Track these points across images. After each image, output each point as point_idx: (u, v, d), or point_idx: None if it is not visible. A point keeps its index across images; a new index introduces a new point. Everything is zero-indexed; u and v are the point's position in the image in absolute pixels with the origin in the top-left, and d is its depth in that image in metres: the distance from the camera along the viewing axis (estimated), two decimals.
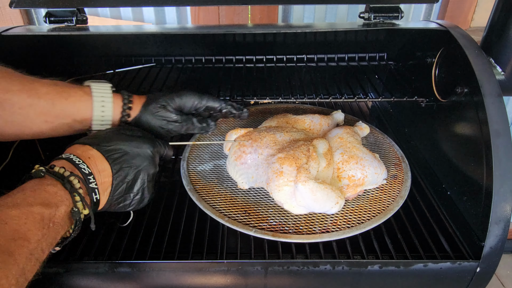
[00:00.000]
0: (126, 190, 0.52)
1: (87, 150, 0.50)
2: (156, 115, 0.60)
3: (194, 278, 0.58)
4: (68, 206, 0.43)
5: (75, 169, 0.47)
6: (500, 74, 0.67)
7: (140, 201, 0.55)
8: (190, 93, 0.63)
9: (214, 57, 0.98)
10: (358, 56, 0.99)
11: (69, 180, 0.45)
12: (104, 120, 0.57)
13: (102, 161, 0.50)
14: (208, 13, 1.22)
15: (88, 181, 0.47)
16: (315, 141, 0.69)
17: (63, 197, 0.43)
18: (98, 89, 0.57)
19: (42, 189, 0.42)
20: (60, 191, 0.43)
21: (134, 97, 0.60)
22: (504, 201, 0.55)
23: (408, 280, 0.59)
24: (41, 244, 0.38)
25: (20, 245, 0.35)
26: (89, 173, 0.47)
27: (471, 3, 1.23)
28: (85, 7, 0.76)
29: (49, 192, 0.42)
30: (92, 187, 0.47)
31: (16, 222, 0.36)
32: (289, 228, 0.61)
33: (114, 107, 0.57)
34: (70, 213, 0.43)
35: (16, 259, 0.34)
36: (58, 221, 0.41)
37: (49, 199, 0.41)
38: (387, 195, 0.68)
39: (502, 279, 1.63)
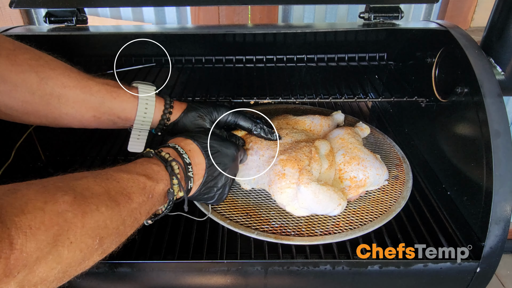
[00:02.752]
0: (212, 184, 0.58)
1: (189, 143, 0.57)
2: (193, 123, 0.65)
3: (194, 278, 0.59)
4: (166, 185, 0.50)
5: (178, 157, 0.54)
6: (500, 74, 0.67)
7: (220, 197, 0.61)
8: (226, 110, 0.68)
9: (214, 57, 0.98)
10: (358, 56, 0.99)
11: (171, 164, 0.51)
12: (145, 121, 0.62)
13: (199, 154, 0.57)
14: (208, 13, 1.22)
15: (188, 169, 0.54)
16: (317, 142, 0.69)
17: (163, 177, 0.50)
18: (144, 91, 0.62)
19: (148, 165, 0.49)
20: (162, 171, 0.50)
21: (174, 102, 0.65)
22: (504, 201, 0.55)
23: (408, 280, 0.59)
24: (140, 207, 0.45)
25: (125, 200, 0.42)
26: (189, 163, 0.54)
27: (471, 3, 1.23)
28: (85, 7, 0.76)
29: (153, 169, 0.49)
30: (189, 176, 0.54)
31: (125, 183, 0.44)
32: (291, 230, 0.61)
33: (155, 110, 0.63)
34: (167, 192, 0.50)
35: (121, 210, 0.41)
36: (156, 195, 0.48)
37: (152, 174, 0.48)
38: (388, 196, 0.68)
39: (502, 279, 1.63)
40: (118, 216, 0.41)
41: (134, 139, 0.63)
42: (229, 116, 0.67)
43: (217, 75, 0.98)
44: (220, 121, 0.67)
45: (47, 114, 0.55)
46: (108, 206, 0.40)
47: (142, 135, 0.63)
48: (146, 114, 0.62)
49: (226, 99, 0.80)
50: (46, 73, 0.53)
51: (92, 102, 0.57)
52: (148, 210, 0.47)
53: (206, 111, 0.66)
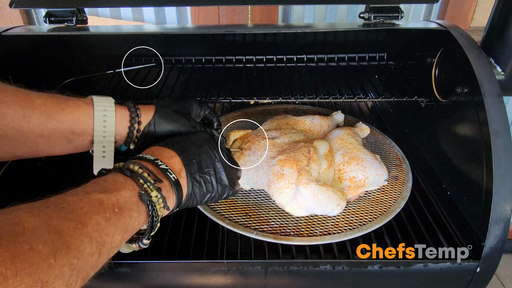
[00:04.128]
0: (199, 168, 0.52)
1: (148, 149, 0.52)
2: (170, 120, 0.59)
3: (194, 278, 0.59)
4: (132, 190, 0.43)
5: (139, 160, 0.48)
6: (500, 74, 0.67)
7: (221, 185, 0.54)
8: (192, 100, 0.64)
9: (214, 57, 0.98)
10: (358, 56, 0.99)
11: (128, 167, 0.45)
12: (107, 132, 0.54)
13: (165, 150, 0.52)
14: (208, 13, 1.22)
15: (157, 164, 0.48)
16: (315, 142, 0.69)
17: (123, 183, 0.43)
18: (100, 99, 0.54)
19: (101, 179, 0.43)
20: (119, 178, 0.43)
21: (141, 107, 0.58)
22: (504, 201, 0.55)
23: (408, 280, 0.59)
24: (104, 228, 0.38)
25: (73, 227, 0.35)
26: (154, 158, 0.48)
27: (471, 3, 1.23)
28: (85, 7, 0.76)
29: (107, 181, 0.43)
30: (164, 168, 0.48)
31: (72, 206, 0.37)
32: (290, 230, 0.61)
33: (118, 118, 0.55)
34: (139, 197, 0.43)
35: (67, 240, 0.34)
36: (126, 205, 0.41)
37: (107, 186, 0.42)
38: (388, 196, 0.68)
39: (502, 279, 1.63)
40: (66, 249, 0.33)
41: (98, 157, 0.54)
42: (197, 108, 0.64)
43: (217, 75, 0.98)
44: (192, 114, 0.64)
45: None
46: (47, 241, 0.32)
47: (108, 152, 0.54)
48: (106, 122, 0.53)
49: (226, 99, 0.80)
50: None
51: (35, 117, 0.48)
52: (122, 227, 0.40)
53: (177, 104, 0.61)
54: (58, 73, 0.87)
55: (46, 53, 0.85)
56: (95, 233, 0.36)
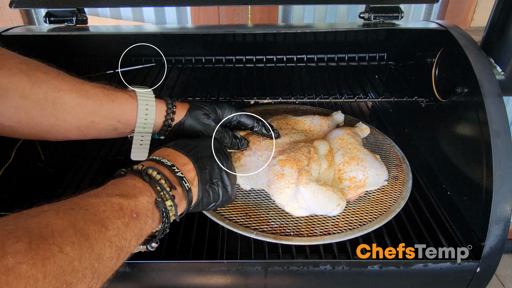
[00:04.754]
0: (209, 178, 0.55)
1: (164, 150, 0.55)
2: (200, 121, 0.63)
3: (194, 278, 0.59)
4: (150, 197, 0.45)
5: (155, 164, 0.50)
6: (500, 74, 0.67)
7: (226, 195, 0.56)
8: (229, 106, 0.67)
9: (214, 57, 0.98)
10: (358, 56, 0.99)
11: (147, 173, 0.47)
12: (147, 124, 0.59)
13: (180, 155, 0.54)
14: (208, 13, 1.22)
15: (174, 171, 0.50)
16: (315, 142, 0.69)
17: (142, 189, 0.44)
18: (142, 94, 0.59)
19: (121, 183, 0.44)
20: (138, 184, 0.45)
21: (176, 103, 0.63)
22: (504, 201, 0.55)
23: (408, 280, 0.59)
24: (123, 233, 0.39)
25: (97, 230, 0.36)
26: (171, 164, 0.50)
27: (471, 3, 1.23)
28: (85, 7, 0.76)
29: (128, 185, 0.44)
30: (180, 176, 0.50)
31: (96, 209, 0.38)
32: (290, 230, 0.61)
33: (157, 111, 0.59)
34: (155, 203, 0.45)
35: (92, 243, 0.34)
36: (143, 211, 0.42)
37: (127, 190, 0.43)
38: (388, 196, 0.68)
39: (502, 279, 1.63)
40: (90, 252, 0.34)
41: (136, 145, 0.59)
42: (231, 113, 0.66)
43: (217, 75, 0.98)
44: (224, 118, 0.66)
45: (42, 121, 0.51)
46: (75, 243, 0.33)
47: (145, 141, 0.60)
48: (147, 115, 0.58)
49: (226, 99, 0.80)
50: (38, 76, 0.50)
51: (89, 105, 0.53)
52: (138, 233, 0.41)
53: (210, 108, 0.65)
54: None
55: (46, 53, 0.85)
56: (115, 237, 0.37)
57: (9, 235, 0.29)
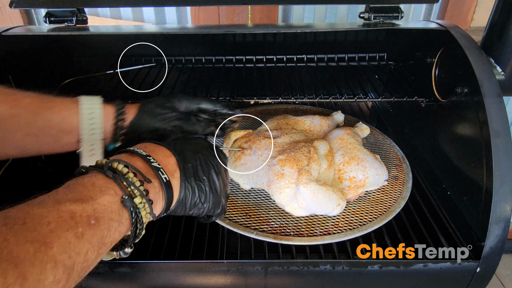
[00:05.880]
0: (194, 174, 0.47)
1: (142, 144, 0.48)
2: (156, 114, 0.57)
3: (194, 278, 0.59)
4: (114, 195, 0.38)
5: (129, 156, 0.43)
6: (500, 74, 0.67)
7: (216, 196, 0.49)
8: (182, 94, 0.62)
9: (214, 57, 0.98)
10: (358, 56, 0.99)
11: (111, 166, 0.40)
12: (94, 129, 0.52)
13: (159, 147, 0.47)
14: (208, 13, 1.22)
15: (149, 161, 0.43)
16: (315, 142, 0.69)
17: (102, 187, 0.37)
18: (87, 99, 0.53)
19: (77, 183, 0.37)
20: (99, 181, 0.38)
21: (127, 105, 0.57)
22: (504, 201, 0.55)
23: (408, 280, 0.59)
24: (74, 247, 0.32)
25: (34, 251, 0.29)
26: (146, 154, 0.44)
27: (471, 3, 1.23)
28: (85, 7, 0.76)
29: (85, 185, 0.37)
30: (156, 166, 0.43)
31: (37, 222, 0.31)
32: (290, 230, 0.61)
33: (104, 113, 0.54)
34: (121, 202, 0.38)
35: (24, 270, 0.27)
36: (104, 215, 0.36)
37: (83, 192, 0.36)
38: (388, 196, 0.68)
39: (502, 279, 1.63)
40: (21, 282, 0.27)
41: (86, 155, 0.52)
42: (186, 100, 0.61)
43: (217, 75, 0.98)
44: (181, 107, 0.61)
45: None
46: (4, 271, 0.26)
47: (96, 149, 0.53)
48: (93, 120, 0.52)
49: (226, 99, 0.80)
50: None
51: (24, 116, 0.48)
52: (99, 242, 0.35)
53: (164, 99, 0.60)
54: (58, 73, 0.87)
55: (46, 53, 0.85)
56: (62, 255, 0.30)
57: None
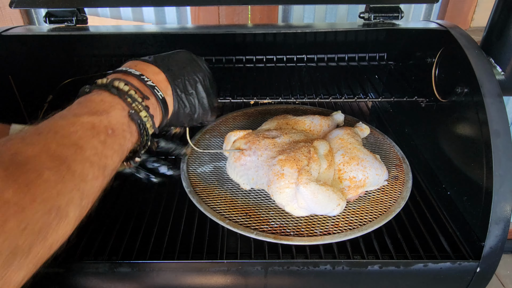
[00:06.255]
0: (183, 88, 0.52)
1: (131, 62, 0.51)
2: None
3: (194, 278, 0.59)
4: (122, 110, 0.42)
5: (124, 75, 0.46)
6: (500, 74, 0.67)
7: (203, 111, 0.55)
8: None
9: (214, 57, 0.98)
10: (358, 56, 0.99)
11: (113, 84, 0.43)
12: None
13: (149, 65, 0.50)
14: (208, 13, 1.22)
15: (144, 80, 0.46)
16: (315, 142, 0.69)
17: (111, 103, 0.42)
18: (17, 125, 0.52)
19: (87, 100, 0.41)
20: (106, 98, 0.42)
21: None
22: (504, 201, 0.55)
23: (408, 280, 0.59)
24: (102, 151, 0.37)
25: (73, 152, 0.34)
26: (140, 74, 0.47)
27: (471, 3, 1.23)
28: (85, 7, 0.76)
29: (95, 101, 0.41)
30: (151, 85, 0.46)
31: (66, 130, 0.35)
32: (290, 230, 0.61)
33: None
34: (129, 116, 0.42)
35: (70, 166, 0.33)
36: (118, 126, 0.40)
37: (96, 107, 0.40)
38: (388, 196, 0.68)
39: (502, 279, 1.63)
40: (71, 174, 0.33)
41: None
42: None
43: (217, 75, 0.98)
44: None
45: None
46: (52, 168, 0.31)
47: None
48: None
49: (226, 99, 0.80)
50: None
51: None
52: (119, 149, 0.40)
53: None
54: (58, 73, 0.87)
55: (46, 53, 0.85)
56: (94, 157, 0.36)
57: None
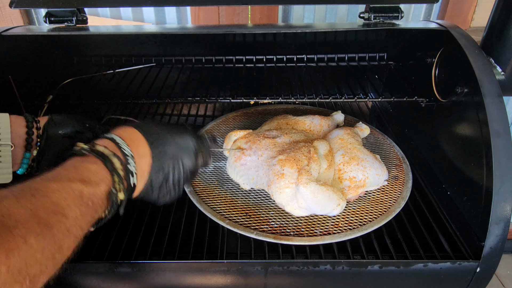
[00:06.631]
0: (162, 180, 0.51)
1: (132, 132, 0.50)
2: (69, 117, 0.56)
3: (194, 278, 0.59)
4: (107, 186, 0.43)
5: (117, 150, 0.46)
6: (500, 74, 0.67)
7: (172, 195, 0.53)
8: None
9: (214, 57, 0.98)
10: (358, 56, 0.99)
11: (110, 160, 0.44)
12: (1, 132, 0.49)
13: (144, 145, 0.49)
14: (208, 13, 1.22)
15: (127, 161, 0.46)
16: (315, 142, 0.69)
17: (103, 176, 0.42)
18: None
19: (83, 166, 0.42)
20: (101, 170, 0.43)
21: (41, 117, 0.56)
22: (504, 201, 0.55)
23: (408, 280, 0.59)
24: (79, 221, 0.37)
25: (58, 220, 0.34)
26: (130, 155, 0.47)
27: (471, 3, 1.23)
28: (85, 7, 0.76)
29: (90, 170, 0.42)
30: (131, 170, 0.46)
31: (57, 195, 0.36)
32: (290, 230, 0.61)
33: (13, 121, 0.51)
34: (108, 193, 0.43)
35: (54, 234, 0.33)
36: (97, 200, 0.41)
37: (90, 177, 0.41)
38: (388, 196, 0.68)
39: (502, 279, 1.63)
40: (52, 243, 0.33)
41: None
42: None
43: (217, 75, 0.98)
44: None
45: None
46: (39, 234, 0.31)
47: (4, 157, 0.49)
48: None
49: (226, 99, 0.80)
50: None
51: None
52: (90, 221, 0.40)
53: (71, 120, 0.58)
54: (58, 73, 0.87)
55: (46, 53, 0.85)
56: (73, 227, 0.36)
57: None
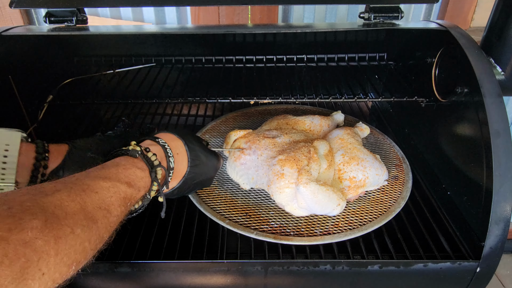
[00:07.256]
0: (185, 189, 0.58)
1: (179, 146, 0.55)
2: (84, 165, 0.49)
3: (194, 278, 0.59)
4: (145, 191, 0.47)
5: (164, 160, 0.51)
6: (500, 74, 0.67)
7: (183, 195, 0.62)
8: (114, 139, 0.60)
9: (214, 57, 0.98)
10: (358, 56, 0.99)
11: (156, 170, 0.48)
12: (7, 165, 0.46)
13: (184, 161, 0.56)
14: (208, 13, 1.22)
15: (169, 174, 0.52)
16: (315, 142, 0.69)
17: (146, 184, 0.47)
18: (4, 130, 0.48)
19: (132, 170, 0.46)
20: (146, 178, 0.47)
21: (51, 146, 0.52)
22: (504, 201, 0.55)
23: (408, 280, 0.59)
24: (118, 219, 0.41)
25: (103, 215, 0.38)
26: (172, 167, 0.52)
27: (471, 3, 1.23)
28: (85, 7, 0.76)
29: (137, 175, 0.46)
30: (167, 181, 0.52)
31: (105, 193, 0.40)
32: (290, 230, 0.61)
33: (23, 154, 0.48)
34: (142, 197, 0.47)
35: (99, 227, 0.37)
36: (133, 202, 0.45)
37: (136, 181, 0.45)
38: (388, 196, 0.68)
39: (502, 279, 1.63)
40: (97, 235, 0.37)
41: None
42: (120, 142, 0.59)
43: (217, 75, 0.98)
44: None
45: None
46: (85, 226, 0.35)
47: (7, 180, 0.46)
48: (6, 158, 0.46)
49: (226, 99, 0.80)
50: None
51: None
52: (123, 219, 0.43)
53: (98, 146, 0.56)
54: (58, 73, 0.87)
55: (46, 53, 0.85)
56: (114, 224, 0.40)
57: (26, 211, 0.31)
